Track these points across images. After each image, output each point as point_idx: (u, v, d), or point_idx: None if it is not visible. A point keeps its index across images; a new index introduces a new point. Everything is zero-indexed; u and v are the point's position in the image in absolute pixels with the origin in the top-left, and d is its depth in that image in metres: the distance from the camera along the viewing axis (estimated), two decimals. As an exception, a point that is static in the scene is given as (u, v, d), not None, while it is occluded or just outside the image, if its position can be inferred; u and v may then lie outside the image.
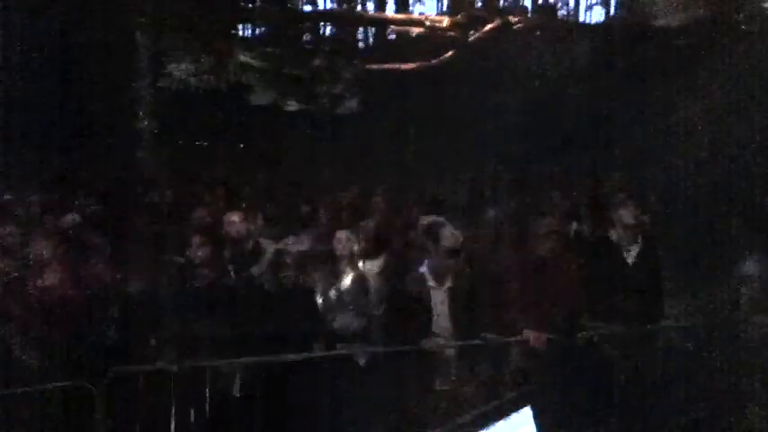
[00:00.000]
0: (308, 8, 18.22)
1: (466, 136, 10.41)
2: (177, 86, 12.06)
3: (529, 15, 14.45)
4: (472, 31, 13.14)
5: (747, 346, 5.09)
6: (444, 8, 24.87)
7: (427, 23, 14.06)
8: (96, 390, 4.06)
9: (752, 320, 5.19)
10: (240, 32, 16.72)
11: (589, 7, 29.87)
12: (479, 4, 19.35)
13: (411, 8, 23.82)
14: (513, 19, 12.66)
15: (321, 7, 20.15)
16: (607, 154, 8.99)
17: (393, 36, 15.99)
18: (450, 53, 12.70)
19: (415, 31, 14.72)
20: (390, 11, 19.10)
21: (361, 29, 17.74)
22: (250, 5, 15.38)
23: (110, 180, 8.07)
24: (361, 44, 17.80)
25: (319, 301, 4.86)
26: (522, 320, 4.81)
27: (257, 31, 16.63)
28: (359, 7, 18.67)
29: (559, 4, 27.64)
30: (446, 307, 4.77)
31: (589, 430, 4.61)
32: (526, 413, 2.01)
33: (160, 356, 4.47)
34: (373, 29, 17.69)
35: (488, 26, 12.77)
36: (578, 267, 4.99)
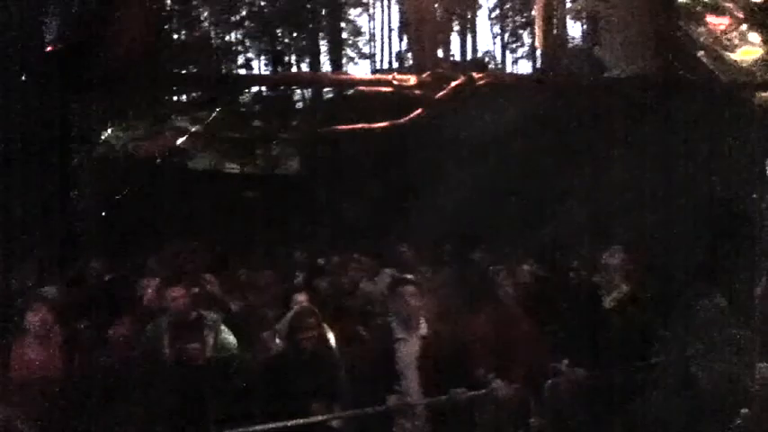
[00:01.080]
0: (242, 71, 18.29)
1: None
2: (114, 154, 11.78)
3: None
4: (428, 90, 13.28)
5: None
6: (378, 68, 25.48)
7: (394, 83, 14.19)
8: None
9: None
10: (175, 97, 16.60)
11: (515, 61, 31.15)
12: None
13: (344, 68, 24.21)
14: (477, 75, 12.92)
15: (255, 70, 20.26)
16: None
17: (330, 95, 16.15)
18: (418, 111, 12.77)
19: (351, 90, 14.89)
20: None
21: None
22: (184, 71, 15.33)
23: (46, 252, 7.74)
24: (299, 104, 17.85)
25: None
26: (491, 372, 4.74)
27: (193, 95, 16.53)
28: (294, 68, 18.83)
29: (486, 59, 28.63)
30: (415, 361, 4.62)
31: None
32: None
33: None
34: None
35: (453, 83, 12.96)
36: (544, 313, 5.00)
